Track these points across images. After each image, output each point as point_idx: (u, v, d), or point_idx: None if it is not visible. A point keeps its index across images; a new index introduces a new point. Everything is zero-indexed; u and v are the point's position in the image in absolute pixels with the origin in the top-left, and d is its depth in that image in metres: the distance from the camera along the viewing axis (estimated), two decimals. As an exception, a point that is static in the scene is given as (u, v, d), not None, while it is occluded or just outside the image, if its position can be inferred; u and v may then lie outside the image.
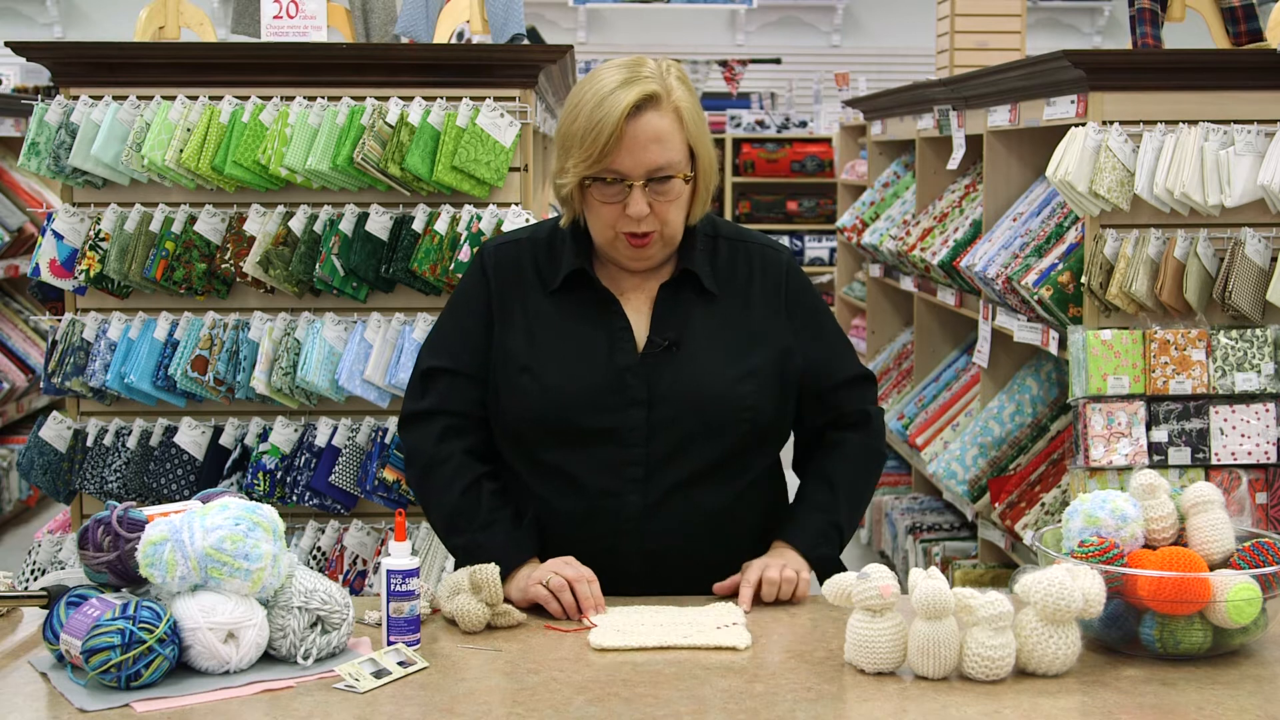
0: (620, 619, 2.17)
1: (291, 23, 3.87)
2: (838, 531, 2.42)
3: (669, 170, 2.26)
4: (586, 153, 2.24)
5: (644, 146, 2.24)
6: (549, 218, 2.50)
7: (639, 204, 2.25)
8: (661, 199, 2.27)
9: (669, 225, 2.30)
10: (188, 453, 3.75)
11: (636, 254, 2.33)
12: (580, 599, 2.19)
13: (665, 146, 2.25)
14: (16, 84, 9.43)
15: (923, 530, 5.36)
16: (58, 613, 1.99)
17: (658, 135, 2.25)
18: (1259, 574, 1.99)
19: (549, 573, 2.21)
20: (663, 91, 2.26)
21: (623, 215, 2.27)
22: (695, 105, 2.31)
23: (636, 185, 2.25)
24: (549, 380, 2.32)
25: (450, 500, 2.35)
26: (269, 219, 3.72)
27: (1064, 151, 3.58)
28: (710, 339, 2.35)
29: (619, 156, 2.24)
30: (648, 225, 2.28)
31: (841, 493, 2.44)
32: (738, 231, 2.47)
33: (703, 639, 2.09)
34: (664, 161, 2.25)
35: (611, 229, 2.30)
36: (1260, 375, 3.58)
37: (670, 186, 2.27)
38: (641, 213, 2.26)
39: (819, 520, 2.40)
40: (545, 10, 12.33)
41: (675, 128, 2.27)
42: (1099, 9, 12.72)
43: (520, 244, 2.44)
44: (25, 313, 7.05)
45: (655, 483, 2.30)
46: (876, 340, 6.61)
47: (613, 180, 2.26)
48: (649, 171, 2.25)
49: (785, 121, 11.18)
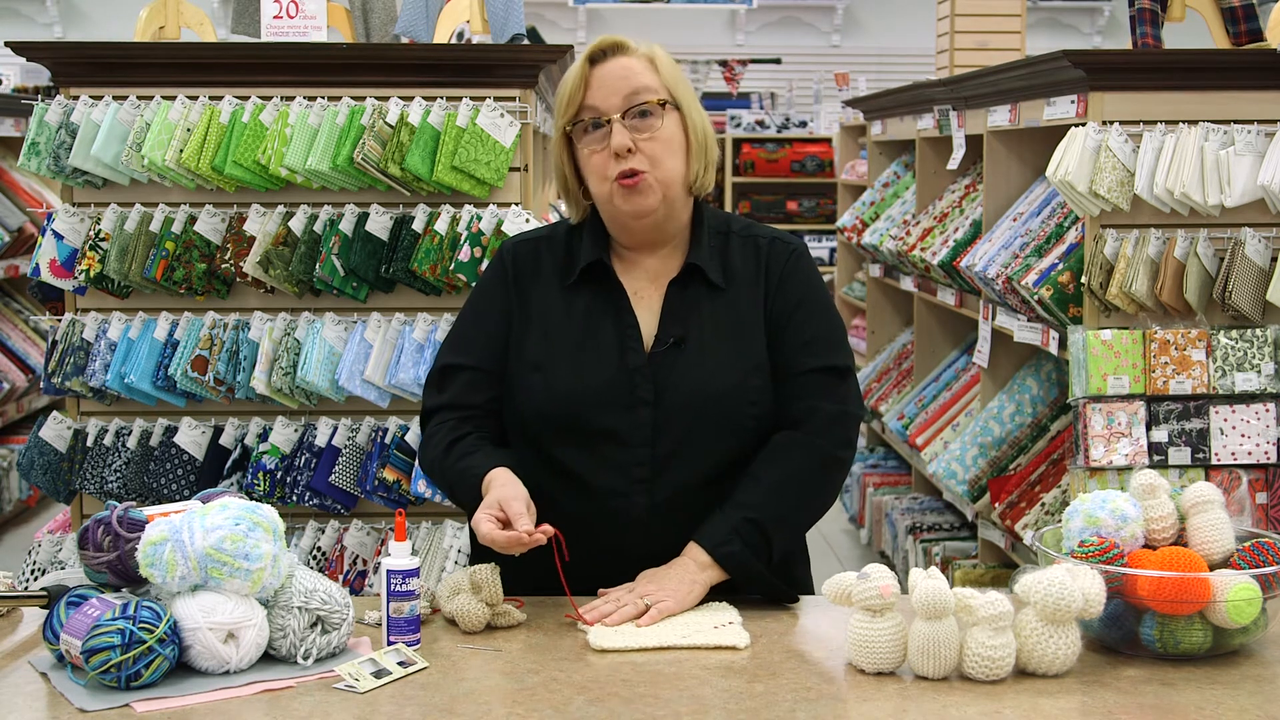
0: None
1: (291, 23, 3.87)
2: (755, 528, 2.26)
3: (642, 97, 2.29)
4: (560, 104, 2.32)
5: (613, 80, 2.29)
6: (563, 219, 2.51)
7: (620, 135, 2.28)
8: (644, 135, 2.29)
9: (659, 167, 2.30)
10: (188, 453, 3.75)
11: (633, 203, 2.31)
12: (513, 518, 2.14)
13: (635, 78, 2.29)
14: (16, 84, 9.43)
15: (923, 530, 5.36)
16: (58, 613, 1.99)
17: (626, 70, 2.30)
18: (1259, 574, 1.99)
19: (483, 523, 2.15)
20: (633, 45, 2.33)
21: (610, 159, 2.29)
22: (675, 67, 2.35)
23: (615, 119, 2.28)
24: (558, 379, 2.32)
25: (438, 453, 2.38)
26: (269, 219, 3.72)
27: (1064, 151, 3.58)
28: (717, 335, 2.35)
29: (589, 94, 2.29)
30: (636, 163, 2.29)
31: (767, 487, 2.29)
32: (750, 227, 2.47)
33: (702, 639, 2.09)
34: (635, 88, 2.29)
35: (606, 180, 2.31)
36: (1260, 375, 3.58)
37: (650, 122, 2.29)
38: (623, 144, 2.28)
39: (734, 517, 2.27)
40: (545, 10, 12.34)
41: (647, 68, 2.31)
42: (1099, 9, 12.73)
43: (539, 241, 2.46)
44: (25, 313, 7.05)
45: (662, 483, 2.30)
46: (876, 340, 6.61)
47: (592, 122, 2.30)
48: (624, 100, 2.28)
49: (785, 121, 11.18)
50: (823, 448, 2.33)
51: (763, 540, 2.27)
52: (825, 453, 2.34)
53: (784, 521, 2.31)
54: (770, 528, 2.28)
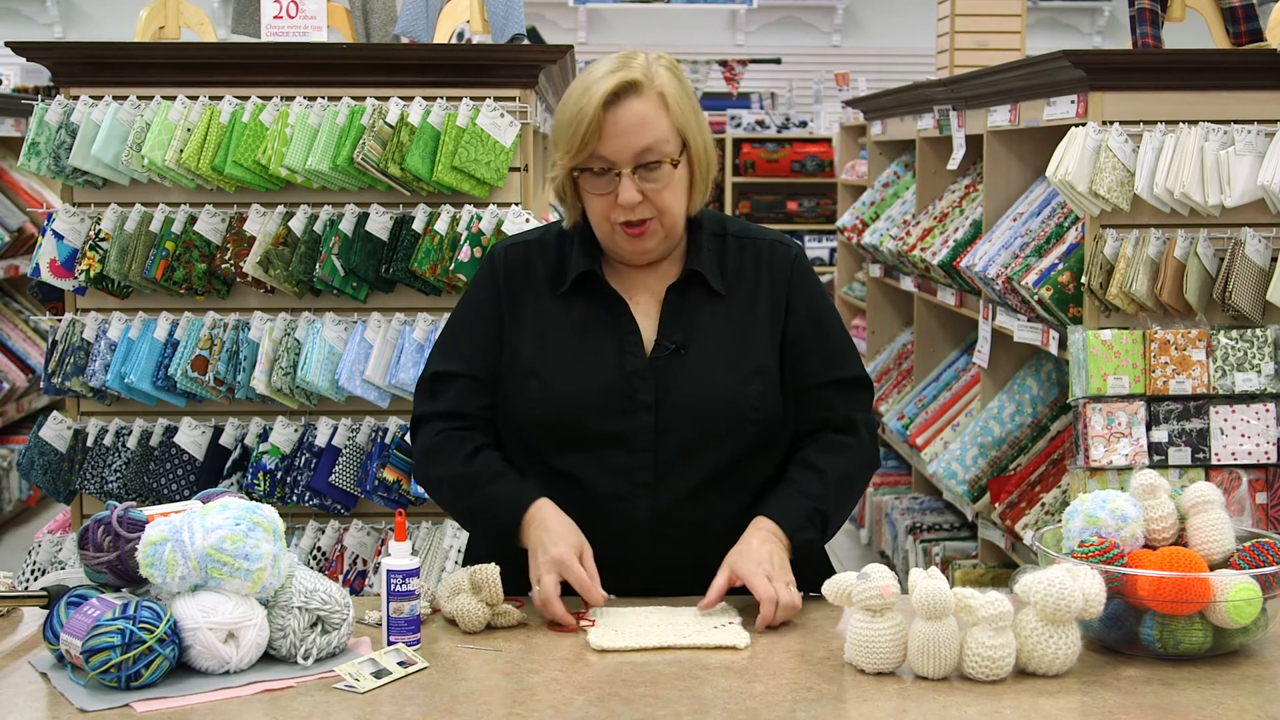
0: (618, 619, 2.17)
1: (291, 23, 3.87)
2: (823, 519, 2.32)
3: (655, 153, 2.24)
4: (570, 143, 2.25)
5: (625, 131, 2.23)
6: (557, 221, 2.49)
7: (629, 191, 2.24)
8: (652, 185, 2.25)
9: (666, 214, 2.28)
10: (188, 453, 3.75)
11: (635, 245, 2.31)
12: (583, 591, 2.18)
13: (649, 129, 2.24)
14: (16, 84, 9.42)
15: (923, 530, 5.36)
16: (58, 613, 1.99)
17: (640, 119, 2.23)
18: (1259, 574, 1.99)
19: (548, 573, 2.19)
20: (645, 79, 2.25)
21: (615, 205, 2.26)
22: (684, 93, 2.30)
23: (625, 173, 2.24)
24: (556, 385, 2.31)
25: (454, 469, 2.35)
26: (269, 219, 3.72)
27: (1064, 151, 3.58)
28: (718, 340, 2.34)
29: (601, 143, 2.23)
30: (642, 212, 2.27)
31: (831, 482, 2.34)
32: (746, 229, 2.46)
33: (702, 639, 2.09)
34: (648, 143, 2.24)
35: (608, 221, 2.29)
36: (1260, 375, 3.58)
37: (660, 172, 2.25)
38: (632, 200, 2.24)
39: (805, 504, 2.31)
40: (545, 10, 12.33)
41: (660, 112, 2.25)
42: (1099, 9, 12.72)
43: (530, 245, 2.43)
44: (25, 313, 7.05)
45: (664, 488, 2.29)
46: (876, 340, 6.61)
47: (600, 170, 2.25)
48: (635, 155, 2.24)
49: (785, 121, 11.18)
50: (872, 456, 2.45)
51: (824, 530, 2.34)
52: (873, 460, 2.45)
53: (838, 518, 2.38)
54: (830, 522, 2.35)
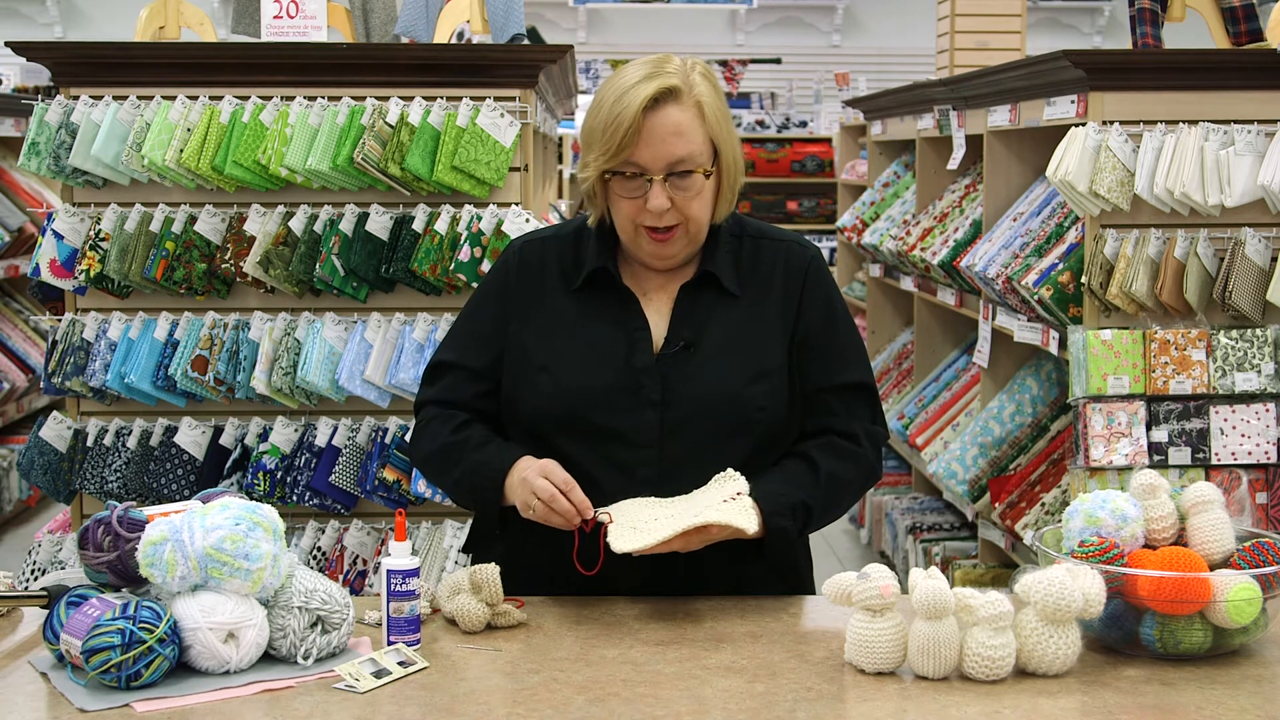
0: (631, 514, 2.19)
1: (291, 23, 3.87)
2: (805, 510, 2.29)
3: (689, 164, 2.25)
4: (606, 146, 2.24)
5: (662, 139, 2.23)
6: (577, 216, 2.49)
7: (659, 198, 2.24)
8: (682, 193, 2.26)
9: (693, 222, 2.29)
10: (188, 453, 3.75)
11: (659, 250, 2.32)
12: (577, 505, 2.20)
13: (685, 139, 2.24)
14: (16, 84, 9.43)
15: (923, 530, 5.36)
16: (58, 613, 1.99)
17: (677, 128, 2.24)
18: (1259, 574, 1.99)
19: (538, 478, 2.20)
20: (684, 86, 2.25)
21: (644, 210, 2.27)
22: (719, 101, 2.30)
23: (656, 179, 2.24)
24: (566, 379, 2.32)
25: (441, 440, 2.38)
26: (269, 219, 3.72)
27: (1064, 151, 3.58)
28: (728, 340, 2.34)
29: (637, 149, 2.23)
30: (670, 219, 2.27)
31: (822, 478, 2.33)
32: (763, 230, 2.46)
33: (714, 514, 2.12)
34: (683, 154, 2.24)
35: (633, 224, 2.29)
36: (1260, 375, 3.58)
37: (691, 181, 2.26)
38: (662, 207, 2.25)
39: (794, 495, 2.29)
40: (545, 10, 12.34)
41: (696, 122, 2.25)
42: (1099, 9, 12.73)
43: (547, 241, 2.44)
44: (25, 313, 7.05)
45: (668, 484, 2.29)
46: (876, 340, 6.61)
47: (632, 174, 2.25)
48: (668, 165, 2.24)
49: (785, 121, 11.18)
50: (873, 468, 2.45)
51: (804, 526, 2.33)
52: (873, 473, 2.45)
53: (824, 517, 2.37)
54: (814, 519, 2.34)
